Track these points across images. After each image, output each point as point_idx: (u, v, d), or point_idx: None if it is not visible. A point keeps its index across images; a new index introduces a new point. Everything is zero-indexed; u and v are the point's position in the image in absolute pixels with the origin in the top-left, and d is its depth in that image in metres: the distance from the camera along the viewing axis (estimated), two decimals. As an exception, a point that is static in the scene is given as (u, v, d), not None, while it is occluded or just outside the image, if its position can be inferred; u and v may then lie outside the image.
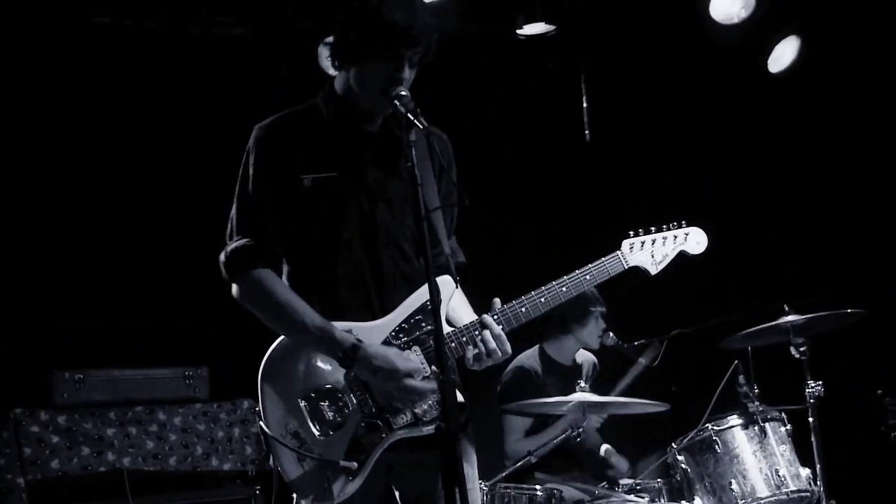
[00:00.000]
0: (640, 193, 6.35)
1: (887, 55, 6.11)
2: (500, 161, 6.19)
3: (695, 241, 3.25)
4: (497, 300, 2.98)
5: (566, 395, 4.59)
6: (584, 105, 6.22)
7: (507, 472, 4.58)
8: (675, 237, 3.23)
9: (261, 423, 2.91)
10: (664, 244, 3.21)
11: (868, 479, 5.17)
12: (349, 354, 2.84)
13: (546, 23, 5.91)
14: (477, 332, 2.92)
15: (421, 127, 2.75)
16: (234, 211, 3.00)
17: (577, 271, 3.06)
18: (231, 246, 2.96)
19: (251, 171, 2.97)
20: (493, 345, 2.91)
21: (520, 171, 6.30)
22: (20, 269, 5.12)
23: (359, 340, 2.86)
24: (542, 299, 3.00)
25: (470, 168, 3.17)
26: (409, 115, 2.77)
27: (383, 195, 2.99)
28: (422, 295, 2.93)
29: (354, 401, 2.90)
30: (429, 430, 2.91)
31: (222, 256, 2.97)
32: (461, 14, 5.66)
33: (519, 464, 4.61)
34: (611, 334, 5.22)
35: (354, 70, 2.97)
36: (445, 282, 2.95)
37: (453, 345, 2.92)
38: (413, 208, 2.80)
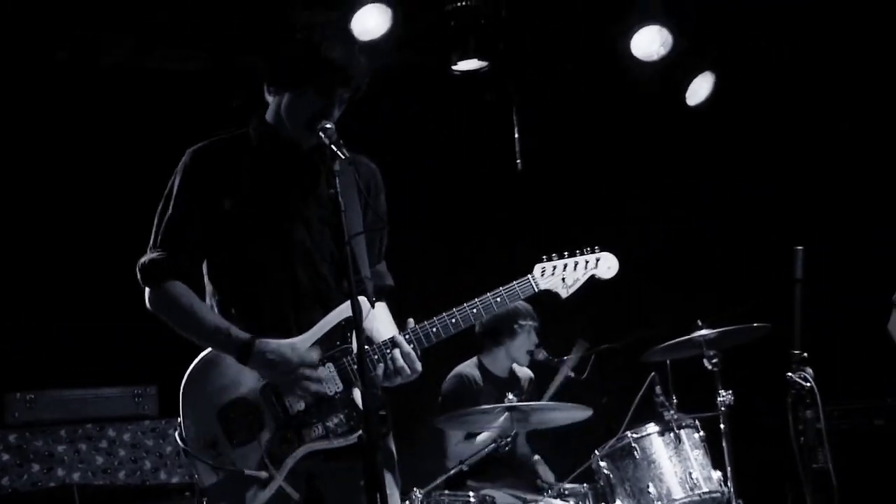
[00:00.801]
0: (568, 218, 6.48)
1: (792, 86, 6.34)
2: (438, 188, 6.30)
3: (606, 265, 3.26)
4: (411, 320, 3.04)
5: (499, 405, 4.68)
6: (516, 136, 6.35)
7: (441, 480, 4.66)
8: (587, 262, 3.24)
9: (176, 434, 2.98)
10: (575, 269, 3.22)
11: (773, 481, 5.31)
12: (244, 350, 2.90)
13: (479, 59, 6.03)
14: (388, 350, 2.97)
15: (343, 157, 2.81)
16: (154, 224, 3.06)
17: (488, 294, 3.08)
18: (147, 257, 3.04)
19: (175, 190, 3.05)
20: (401, 362, 2.95)
21: (456, 199, 6.40)
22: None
23: (252, 337, 2.91)
24: (453, 320, 3.02)
25: (408, 196, 3.24)
26: (332, 146, 2.84)
27: (304, 219, 3.03)
28: (338, 314, 2.99)
29: (268, 413, 2.96)
30: (339, 442, 2.96)
31: (139, 264, 3.05)
32: (399, 48, 5.78)
33: (452, 471, 4.69)
34: (542, 350, 5.32)
35: (287, 98, 3.03)
36: (363, 303, 2.94)
37: (355, 367, 2.94)
38: (335, 233, 2.87)
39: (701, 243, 6.54)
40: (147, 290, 3.05)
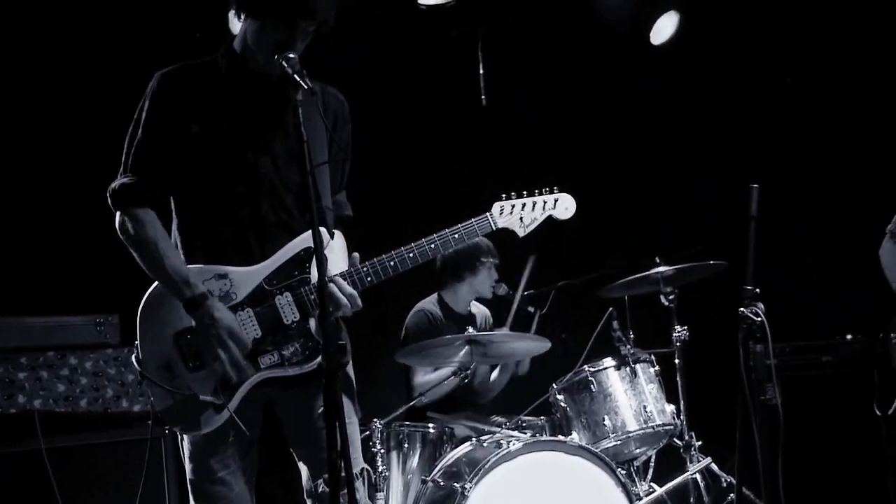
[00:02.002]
0: (531, 156, 6.48)
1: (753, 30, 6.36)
2: (402, 124, 6.26)
3: (563, 206, 3.29)
4: (356, 255, 3.05)
5: (459, 340, 4.72)
6: (481, 72, 6.31)
7: (400, 411, 4.71)
8: (545, 202, 3.26)
9: (133, 358, 3.00)
10: (533, 209, 3.24)
11: (725, 414, 5.42)
12: (196, 300, 2.92)
13: (446, -6, 5.96)
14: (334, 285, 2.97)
15: (306, 87, 2.79)
16: (124, 151, 3.05)
17: (446, 230, 3.11)
18: (117, 182, 3.03)
19: (144, 115, 3.02)
20: (344, 301, 2.97)
21: (421, 134, 6.37)
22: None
23: (210, 293, 2.94)
24: (411, 254, 3.06)
25: (372, 131, 3.22)
26: (295, 76, 2.82)
27: (268, 148, 3.04)
28: (298, 244, 3.01)
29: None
30: (294, 370, 3.00)
31: (110, 187, 3.03)
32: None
33: (412, 402, 4.74)
34: (503, 285, 5.35)
35: (251, 26, 2.99)
36: (323, 234, 2.96)
37: (313, 296, 2.98)
38: (298, 163, 2.85)
39: (660, 181, 6.58)
40: (117, 214, 3.03)
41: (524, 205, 3.24)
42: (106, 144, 3.21)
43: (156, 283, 3.03)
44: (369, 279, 3.04)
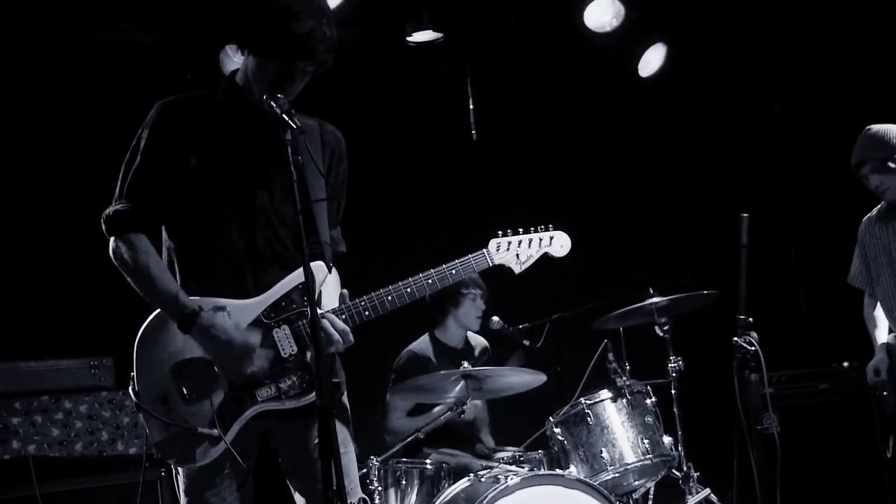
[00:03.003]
0: (522, 189, 6.52)
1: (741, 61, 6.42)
2: (393, 160, 6.29)
3: (559, 244, 3.32)
4: (345, 291, 3.06)
5: (455, 375, 4.72)
6: (471, 107, 6.36)
7: (398, 447, 4.69)
8: (541, 239, 3.29)
9: (130, 389, 2.98)
10: (529, 246, 3.27)
11: (722, 445, 5.41)
12: (187, 320, 2.92)
13: (434, 30, 6.02)
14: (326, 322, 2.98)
15: (294, 127, 2.81)
16: (119, 178, 3.06)
17: (444, 266, 3.13)
18: (112, 208, 3.04)
19: (142, 143, 3.04)
20: (336, 336, 2.97)
21: (411, 170, 6.40)
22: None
23: (199, 308, 2.93)
24: (409, 289, 3.08)
25: (363, 168, 3.24)
26: (283, 115, 2.84)
27: (265, 182, 3.04)
28: (295, 277, 3.01)
29: (222, 371, 2.97)
30: (291, 403, 3.00)
31: (105, 212, 3.05)
32: (353, 20, 5.74)
33: (409, 439, 4.72)
34: (497, 318, 5.35)
35: (252, 62, 3.02)
36: (318, 267, 3.02)
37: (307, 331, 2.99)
38: (292, 199, 2.83)
39: (652, 212, 6.61)
40: (111, 239, 3.05)
41: (520, 241, 3.27)
42: (99, 183, 3.24)
43: (153, 315, 3.02)
44: (367, 313, 3.04)
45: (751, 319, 3.37)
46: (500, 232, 3.26)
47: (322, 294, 3.06)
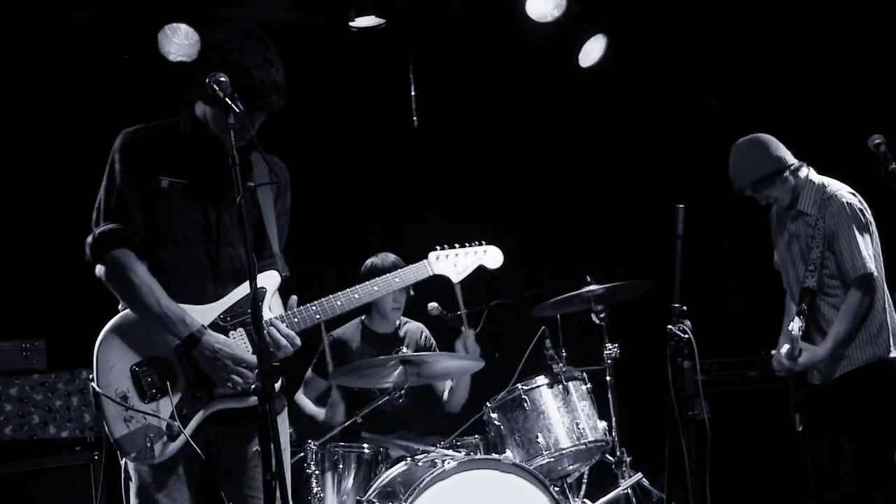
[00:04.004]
0: (463, 176, 6.55)
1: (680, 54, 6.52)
2: (334, 145, 6.27)
3: (492, 257, 3.74)
4: (294, 298, 3.25)
5: (387, 361, 4.74)
6: (413, 93, 6.37)
7: (335, 432, 4.70)
8: (476, 252, 3.70)
9: (92, 384, 3.09)
10: (465, 257, 3.67)
11: (655, 430, 5.52)
12: (192, 339, 3.08)
13: (377, 16, 6.03)
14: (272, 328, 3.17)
15: (237, 110, 2.92)
16: (101, 201, 3.18)
17: (388, 275, 3.45)
18: (98, 230, 3.16)
19: (117, 168, 3.19)
20: (283, 342, 3.15)
21: (352, 156, 6.39)
22: None
23: (204, 327, 3.10)
24: (356, 295, 3.33)
25: (305, 153, 3.30)
26: (227, 99, 2.93)
27: (226, 205, 3.23)
28: (246, 287, 3.13)
29: (180, 372, 3.12)
30: (250, 402, 3.10)
31: (90, 239, 3.17)
32: (297, 3, 5.72)
33: (346, 424, 4.73)
34: (435, 305, 5.37)
35: (209, 109, 3.19)
36: (273, 276, 3.25)
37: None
38: (249, 220, 3.02)
39: (590, 201, 6.69)
40: (99, 263, 3.15)
41: (457, 254, 3.66)
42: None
43: (115, 319, 3.16)
44: (318, 316, 3.26)
45: (685, 308, 3.45)
46: (437, 247, 3.64)
47: (264, 294, 3.23)
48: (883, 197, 4.53)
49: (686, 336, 3.39)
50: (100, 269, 3.15)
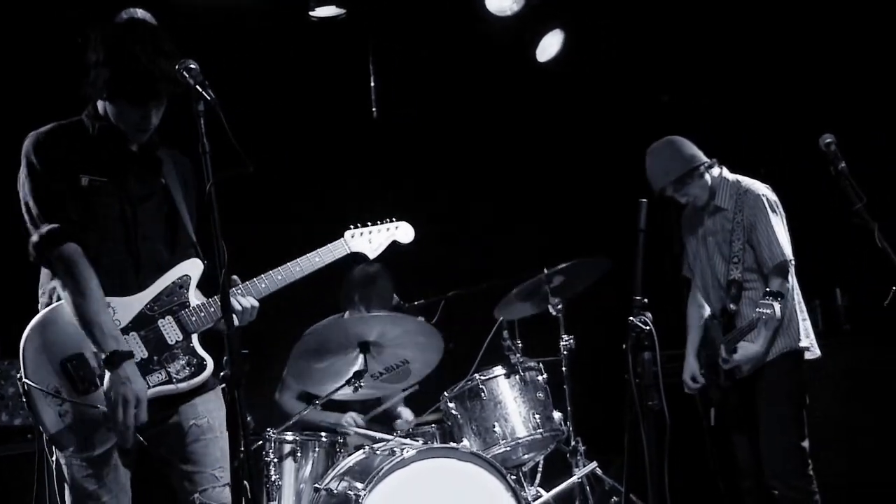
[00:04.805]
0: (423, 164, 6.57)
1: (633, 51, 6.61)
2: (293, 134, 6.24)
3: (403, 232, 3.87)
4: (235, 277, 3.33)
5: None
6: (372, 84, 6.37)
7: (294, 419, 4.70)
8: (388, 229, 3.83)
9: (25, 379, 3.08)
10: (379, 234, 3.80)
11: (609, 420, 5.60)
12: (116, 358, 3.05)
13: (337, 6, 6.01)
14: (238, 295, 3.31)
15: (209, 98, 2.92)
16: (30, 203, 3.17)
17: (308, 255, 3.52)
18: (42, 230, 3.14)
19: (39, 168, 3.16)
20: (239, 309, 3.27)
21: (311, 145, 6.37)
22: None
23: (130, 355, 3.09)
24: (279, 276, 3.40)
25: (263, 141, 3.29)
26: (197, 86, 2.93)
27: (141, 203, 3.29)
28: (173, 274, 3.29)
29: None
30: (183, 387, 3.21)
31: (34, 239, 3.15)
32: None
33: (306, 412, 4.73)
34: (395, 296, 5.40)
35: (110, 106, 3.22)
36: (195, 263, 3.34)
37: (201, 314, 3.25)
38: (167, 214, 3.28)
39: (546, 193, 6.75)
40: (47, 263, 3.16)
41: (371, 231, 3.78)
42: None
43: (39, 315, 3.16)
44: (263, 285, 3.36)
45: (646, 300, 3.51)
46: (351, 225, 3.75)
47: (191, 281, 3.32)
48: (831, 194, 4.68)
49: (647, 328, 3.45)
50: (49, 267, 3.17)
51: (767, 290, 4.43)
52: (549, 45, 6.62)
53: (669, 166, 4.72)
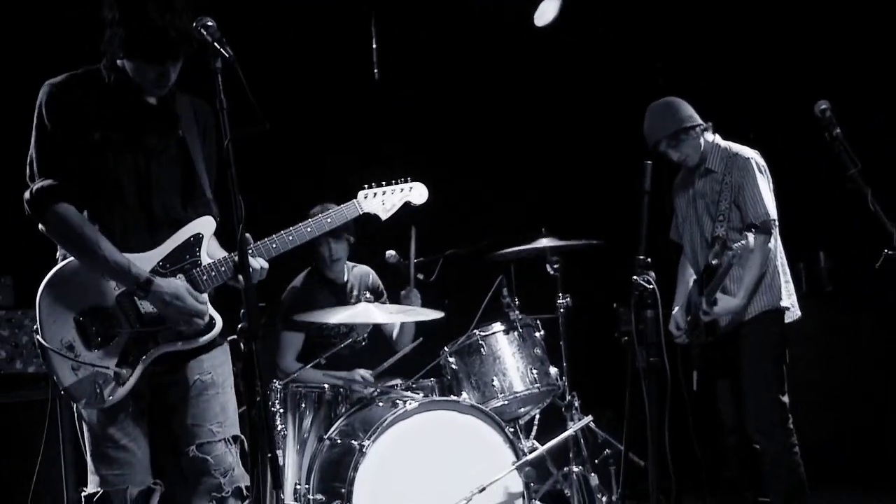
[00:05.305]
0: (423, 126, 6.51)
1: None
2: (295, 95, 6.17)
3: (417, 193, 3.74)
4: (248, 235, 3.20)
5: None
6: (374, 46, 6.29)
7: (297, 371, 4.68)
8: (402, 189, 3.70)
9: (37, 336, 3.07)
10: (392, 195, 3.67)
11: (603, 376, 5.62)
12: (144, 286, 3.06)
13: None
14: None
15: (227, 56, 2.88)
16: (33, 156, 3.12)
17: (320, 215, 3.43)
18: (35, 185, 3.07)
19: (47, 121, 3.09)
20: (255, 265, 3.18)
21: (313, 106, 6.29)
22: None
23: (153, 275, 3.08)
24: (290, 237, 3.32)
25: (267, 101, 3.22)
26: (215, 44, 2.89)
27: (157, 154, 3.20)
28: (186, 232, 3.21)
29: (123, 319, 3.10)
30: (191, 344, 3.17)
31: (27, 195, 3.08)
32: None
33: (310, 365, 4.71)
34: (393, 252, 5.35)
35: (128, 62, 3.12)
36: (208, 221, 3.25)
37: (212, 273, 3.18)
38: (182, 168, 3.19)
39: (544, 157, 6.71)
40: (42, 218, 3.08)
41: (384, 192, 3.66)
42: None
43: (56, 268, 3.11)
44: (274, 246, 3.28)
45: (650, 260, 3.50)
46: (366, 185, 3.65)
47: (211, 247, 3.27)
48: (820, 160, 4.67)
49: (651, 287, 3.43)
50: (42, 225, 3.10)
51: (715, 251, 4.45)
52: (546, 11, 6.57)
53: (667, 122, 4.73)
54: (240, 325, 2.88)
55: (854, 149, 4.01)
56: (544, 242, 5.08)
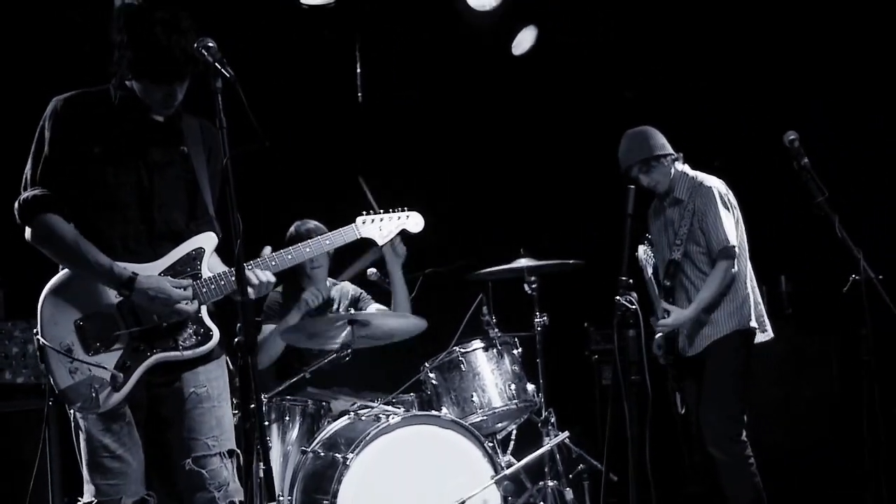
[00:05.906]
0: (407, 150, 6.49)
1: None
2: (281, 118, 6.11)
3: (414, 222, 3.83)
4: (268, 247, 3.30)
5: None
6: (359, 70, 6.28)
7: (283, 386, 4.62)
8: (399, 217, 3.78)
9: (37, 336, 3.05)
10: (389, 222, 3.74)
11: (576, 392, 5.62)
12: (127, 285, 3.03)
13: (327, -6, 5.89)
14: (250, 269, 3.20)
15: (228, 76, 2.89)
16: (29, 167, 3.10)
17: (319, 237, 3.51)
18: (27, 193, 3.06)
19: (48, 135, 3.08)
20: (255, 282, 3.17)
21: (298, 129, 6.25)
22: None
23: (134, 273, 3.05)
24: (289, 256, 3.33)
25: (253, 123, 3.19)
26: (216, 64, 2.88)
27: (160, 171, 3.18)
28: (188, 245, 3.20)
29: (122, 326, 3.08)
30: (188, 354, 3.15)
31: (17, 202, 3.07)
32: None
33: (294, 379, 4.65)
34: (374, 270, 5.31)
35: (136, 83, 3.11)
36: (210, 237, 3.24)
37: (212, 286, 3.16)
38: (185, 185, 3.17)
39: (522, 180, 6.73)
40: (29, 224, 3.07)
41: (382, 218, 3.73)
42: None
43: (57, 276, 3.10)
44: (290, 257, 3.31)
45: (631, 281, 3.49)
46: (364, 212, 3.71)
47: (210, 259, 3.25)
48: (786, 188, 4.72)
49: (633, 307, 3.43)
50: (28, 232, 3.08)
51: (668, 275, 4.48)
52: (524, 40, 6.62)
53: (641, 148, 4.81)
54: (236, 339, 2.85)
55: (820, 176, 4.07)
56: (522, 262, 5.06)
